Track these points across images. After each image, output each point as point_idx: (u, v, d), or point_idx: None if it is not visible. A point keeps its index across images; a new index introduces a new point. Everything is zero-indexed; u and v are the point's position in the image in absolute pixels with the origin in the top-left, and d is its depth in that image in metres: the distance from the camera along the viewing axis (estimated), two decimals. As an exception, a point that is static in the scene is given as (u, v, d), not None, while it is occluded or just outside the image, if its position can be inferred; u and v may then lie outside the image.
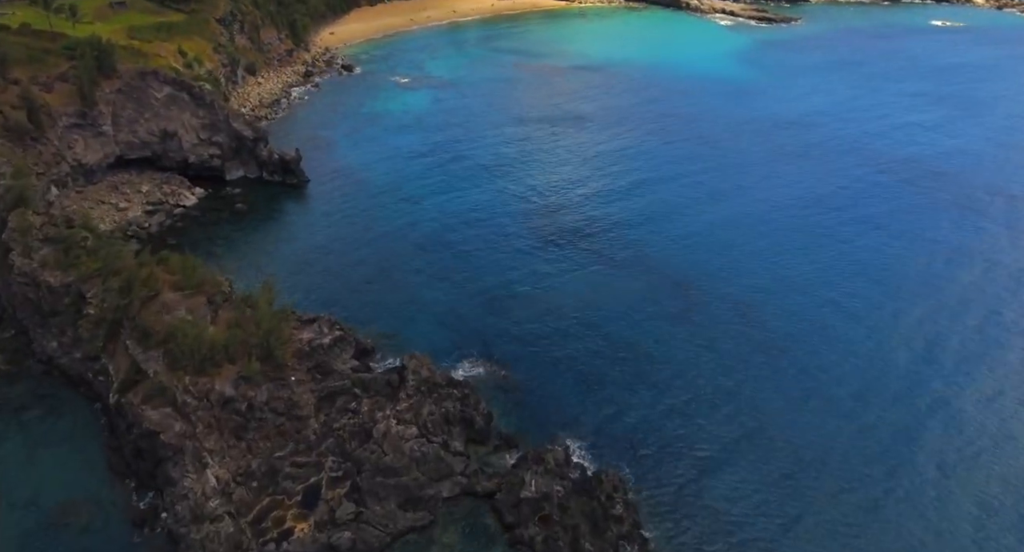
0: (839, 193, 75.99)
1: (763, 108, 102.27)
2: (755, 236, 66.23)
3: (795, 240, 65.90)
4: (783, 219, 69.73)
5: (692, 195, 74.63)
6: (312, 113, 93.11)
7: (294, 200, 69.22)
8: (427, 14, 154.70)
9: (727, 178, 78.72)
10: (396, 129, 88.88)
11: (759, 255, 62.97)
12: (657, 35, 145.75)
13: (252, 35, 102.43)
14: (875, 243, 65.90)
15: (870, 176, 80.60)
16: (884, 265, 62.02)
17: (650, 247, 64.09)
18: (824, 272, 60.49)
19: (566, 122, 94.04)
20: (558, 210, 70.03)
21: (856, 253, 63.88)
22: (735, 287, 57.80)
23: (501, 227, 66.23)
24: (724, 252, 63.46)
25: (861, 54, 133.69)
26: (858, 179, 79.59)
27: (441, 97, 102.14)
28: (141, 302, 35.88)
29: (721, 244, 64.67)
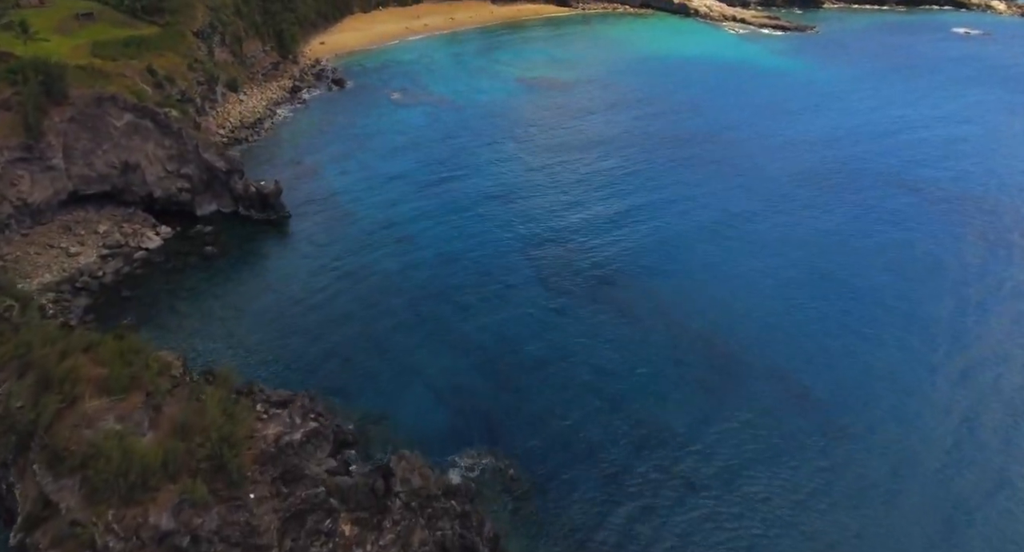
0: (882, 231, 68.54)
1: (787, 127, 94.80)
2: (790, 285, 58.74)
3: (839, 285, 58.52)
4: (823, 263, 62.17)
5: (715, 230, 67.13)
6: (298, 134, 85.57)
7: (272, 239, 61.63)
8: (424, 22, 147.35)
9: (754, 209, 71.16)
10: (389, 153, 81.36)
11: (795, 308, 55.53)
12: (666, 44, 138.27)
13: (234, 48, 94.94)
14: (952, 308, 58.52)
15: (919, 212, 73.17)
16: (959, 338, 54.65)
17: (671, 294, 56.59)
18: (889, 333, 53.10)
19: (573, 143, 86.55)
20: (568, 249, 62.52)
21: (925, 313, 56.50)
22: (770, 349, 50.41)
23: (504, 272, 58.69)
24: (758, 301, 56.01)
25: (886, 66, 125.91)
26: (906, 217, 72.08)
27: (438, 115, 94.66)
28: (55, 411, 28.46)
29: (755, 292, 57.17)
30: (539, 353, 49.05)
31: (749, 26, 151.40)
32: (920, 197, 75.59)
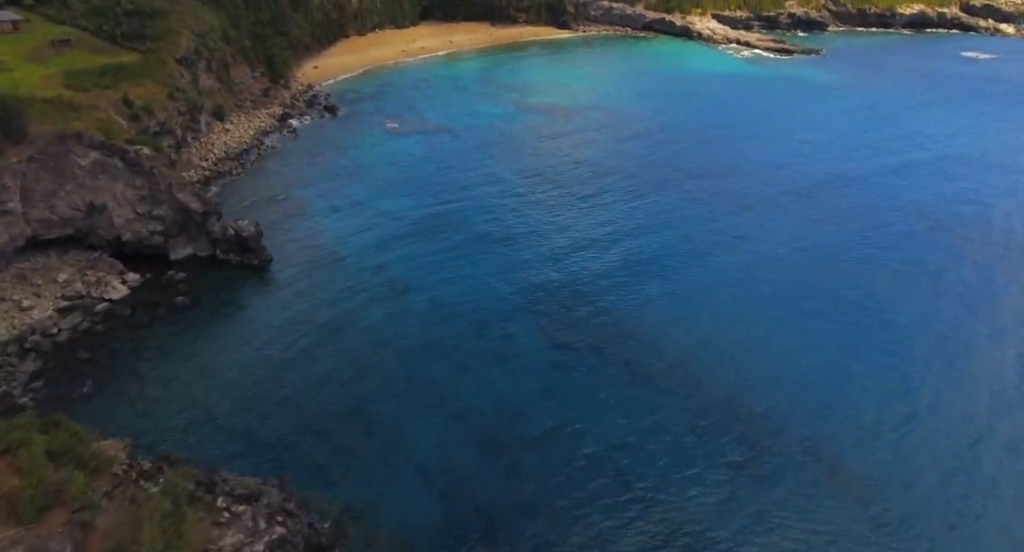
0: (921, 285, 63.66)
1: (801, 158, 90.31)
2: (816, 336, 53.65)
3: (874, 337, 53.44)
4: (853, 313, 57.10)
5: (730, 275, 62.20)
6: (285, 166, 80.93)
7: (251, 286, 56.52)
8: (421, 45, 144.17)
9: (773, 252, 66.22)
10: (381, 188, 76.64)
11: (825, 364, 50.40)
12: (670, 68, 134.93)
13: (221, 74, 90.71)
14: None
15: (955, 261, 68.42)
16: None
17: (685, 347, 51.37)
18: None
19: (575, 175, 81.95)
20: (570, 295, 57.43)
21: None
22: (799, 415, 45.19)
23: (502, 322, 53.55)
24: (783, 357, 50.90)
25: (902, 94, 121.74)
26: (943, 268, 67.35)
27: (435, 145, 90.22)
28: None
29: (779, 346, 52.08)
30: (541, 421, 43.74)
31: (754, 49, 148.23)
32: (950, 234, 70.91)
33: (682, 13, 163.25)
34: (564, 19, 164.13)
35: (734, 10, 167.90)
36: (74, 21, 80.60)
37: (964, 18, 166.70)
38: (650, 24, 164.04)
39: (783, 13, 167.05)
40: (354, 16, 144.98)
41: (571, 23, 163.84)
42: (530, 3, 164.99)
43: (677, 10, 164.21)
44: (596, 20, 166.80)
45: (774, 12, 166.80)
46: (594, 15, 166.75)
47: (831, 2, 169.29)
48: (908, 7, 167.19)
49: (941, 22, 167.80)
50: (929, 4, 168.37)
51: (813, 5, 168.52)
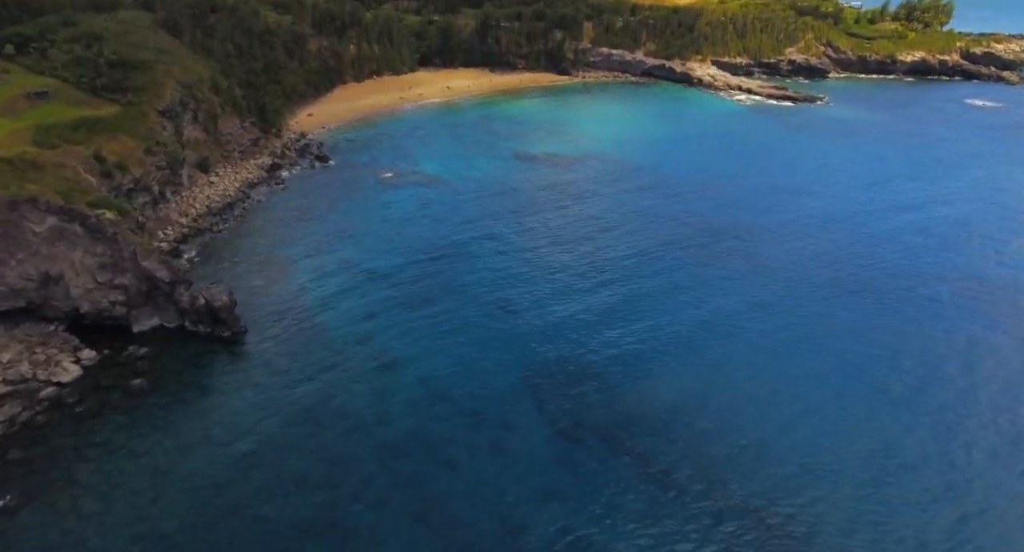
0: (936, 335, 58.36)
1: (815, 217, 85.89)
2: (854, 435, 47.96)
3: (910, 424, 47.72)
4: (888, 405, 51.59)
5: (751, 352, 56.84)
6: (270, 222, 76.32)
7: (220, 365, 50.92)
8: (419, 91, 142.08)
9: (797, 327, 61.07)
10: (371, 246, 71.83)
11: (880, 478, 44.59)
12: (672, 116, 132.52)
13: (208, 125, 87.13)
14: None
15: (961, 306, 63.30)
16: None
17: (705, 441, 45.71)
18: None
19: (577, 233, 77.30)
20: (578, 377, 51.87)
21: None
22: (835, 526, 39.17)
23: (500, 408, 47.88)
24: (810, 455, 45.11)
25: (915, 145, 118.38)
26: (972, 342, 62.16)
27: (430, 198, 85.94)
28: None
29: (808, 443, 46.35)
30: (545, 533, 37.71)
31: (755, 96, 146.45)
32: (961, 289, 65.86)
33: (682, 59, 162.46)
34: (563, 65, 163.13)
35: (734, 56, 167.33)
36: (55, 72, 77.21)
37: (966, 65, 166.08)
38: (650, 70, 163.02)
39: (783, 60, 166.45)
40: (351, 63, 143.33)
41: (570, 69, 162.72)
42: (529, 50, 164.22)
43: (677, 57, 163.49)
44: (595, 66, 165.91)
45: (774, 59, 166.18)
46: (593, 61, 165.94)
47: (831, 49, 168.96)
48: (909, 54, 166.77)
49: (943, 69, 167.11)
50: (930, 51, 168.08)
51: (813, 52, 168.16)
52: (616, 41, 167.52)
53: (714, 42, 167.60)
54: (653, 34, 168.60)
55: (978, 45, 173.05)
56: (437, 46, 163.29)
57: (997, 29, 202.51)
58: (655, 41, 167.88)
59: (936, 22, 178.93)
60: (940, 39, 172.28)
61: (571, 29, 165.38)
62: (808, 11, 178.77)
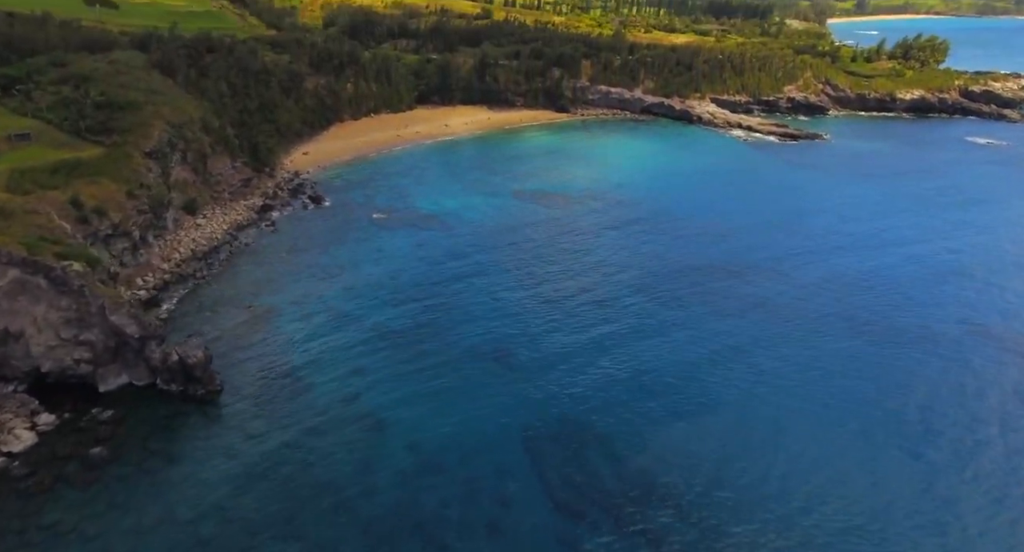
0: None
1: (831, 261, 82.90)
2: (886, 516, 43.66)
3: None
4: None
5: (773, 415, 52.86)
6: (257, 266, 72.95)
7: (191, 429, 46.76)
8: (416, 129, 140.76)
9: (803, 373, 57.33)
10: (362, 292, 68.31)
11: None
12: (672, 153, 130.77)
13: (197, 165, 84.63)
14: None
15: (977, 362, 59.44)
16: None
17: (725, 519, 41.37)
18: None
19: (580, 279, 73.95)
20: (583, 442, 47.79)
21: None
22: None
23: (498, 479, 43.69)
24: (841, 541, 40.74)
25: (924, 184, 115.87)
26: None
27: (424, 240, 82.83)
28: None
29: (831, 519, 42.02)
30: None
31: (756, 133, 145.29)
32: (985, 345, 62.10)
33: (681, 97, 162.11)
34: (562, 103, 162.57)
35: (733, 94, 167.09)
36: (39, 114, 75.07)
37: (966, 103, 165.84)
38: (649, 108, 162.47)
39: (782, 97, 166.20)
40: (349, 101, 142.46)
41: (569, 107, 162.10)
42: (528, 87, 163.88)
43: (676, 94, 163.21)
44: (594, 104, 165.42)
45: (773, 96, 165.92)
46: (592, 99, 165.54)
47: (830, 87, 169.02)
48: (908, 92, 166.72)
49: (943, 107, 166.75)
50: (929, 89, 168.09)
51: (812, 90, 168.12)
52: (614, 79, 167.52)
53: (712, 80, 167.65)
54: (651, 72, 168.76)
55: (975, 83, 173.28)
56: (435, 84, 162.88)
57: (990, 67, 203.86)
58: (653, 79, 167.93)
59: (932, 61, 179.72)
60: (938, 77, 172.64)
61: (569, 67, 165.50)
62: (805, 50, 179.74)
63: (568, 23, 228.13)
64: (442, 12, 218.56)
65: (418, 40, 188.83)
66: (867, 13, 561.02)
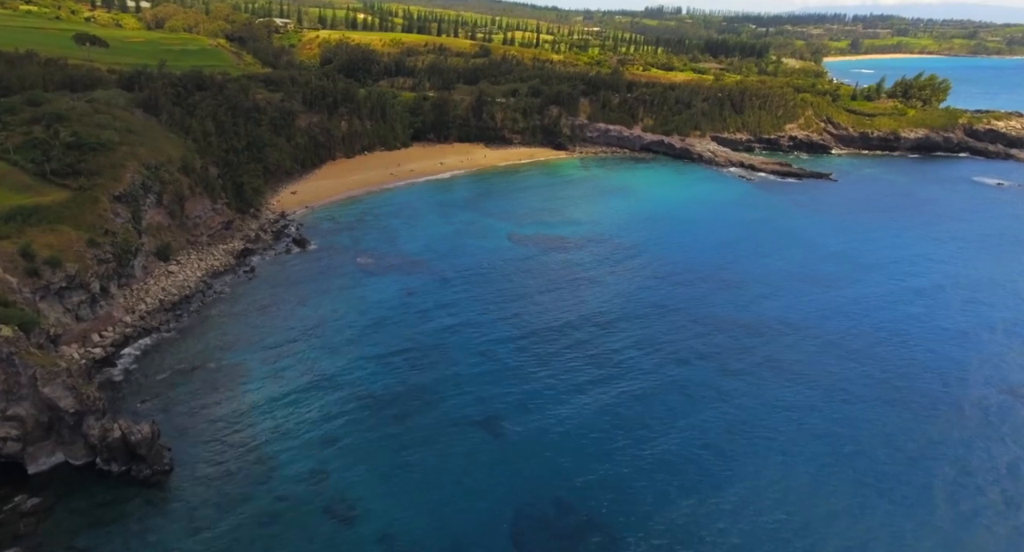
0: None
1: (833, 309, 77.81)
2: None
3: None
4: None
5: (782, 490, 46.85)
6: (229, 319, 67.58)
7: (130, 520, 40.58)
8: (410, 167, 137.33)
9: (820, 445, 51.46)
10: (341, 348, 62.73)
11: None
12: (673, 193, 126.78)
13: (173, 208, 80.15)
14: None
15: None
16: None
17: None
18: None
19: (578, 333, 68.57)
20: (580, 530, 41.66)
21: None
22: None
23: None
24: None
25: (937, 226, 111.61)
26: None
27: (413, 288, 77.73)
28: None
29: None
30: None
31: (759, 172, 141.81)
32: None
33: (680, 135, 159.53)
34: (560, 141, 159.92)
35: (733, 132, 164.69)
36: (6, 155, 70.84)
37: (972, 143, 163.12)
38: (648, 146, 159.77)
39: (784, 136, 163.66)
40: (342, 138, 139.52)
41: (567, 145, 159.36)
42: (525, 125, 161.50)
43: (675, 132, 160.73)
44: (593, 141, 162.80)
45: (774, 135, 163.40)
46: (590, 137, 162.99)
47: (831, 125, 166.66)
48: (912, 131, 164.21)
49: (948, 146, 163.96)
50: (933, 128, 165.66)
51: (814, 128, 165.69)
52: (613, 117, 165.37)
53: (712, 118, 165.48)
54: (650, 110, 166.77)
55: (979, 122, 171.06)
56: (432, 121, 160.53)
57: (988, 106, 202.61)
58: (652, 117, 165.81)
59: (935, 99, 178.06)
60: (942, 116, 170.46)
61: (567, 105, 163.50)
62: (805, 88, 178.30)
63: (566, 61, 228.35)
64: (440, 50, 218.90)
65: (415, 78, 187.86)
66: (861, 52, 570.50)
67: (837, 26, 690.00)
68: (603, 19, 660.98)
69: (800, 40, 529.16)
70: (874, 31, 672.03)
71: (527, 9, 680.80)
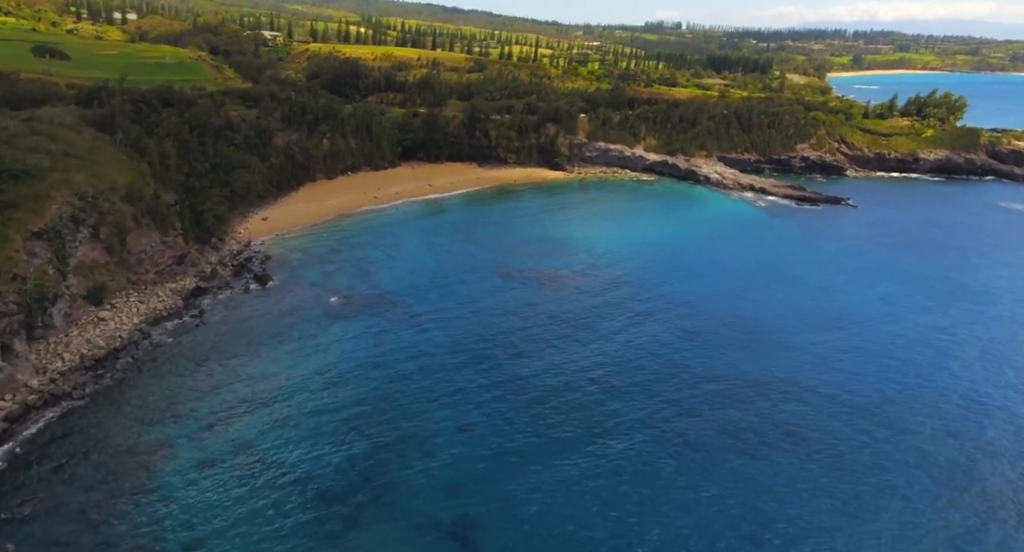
0: None
1: (885, 382, 67.57)
2: None
3: None
4: None
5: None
6: (161, 379, 57.07)
7: None
8: (396, 189, 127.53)
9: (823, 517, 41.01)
10: (287, 420, 52.23)
11: None
12: (679, 220, 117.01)
13: (113, 243, 70.01)
14: None
15: None
16: None
17: None
18: None
19: (569, 398, 58.20)
20: None
21: None
22: None
23: None
24: None
25: (973, 261, 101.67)
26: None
27: (384, 333, 67.52)
28: None
29: None
30: None
31: (770, 196, 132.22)
32: None
33: (686, 155, 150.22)
34: (557, 161, 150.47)
35: (741, 152, 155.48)
36: (-89, 182, 60.98)
37: (996, 165, 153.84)
38: (651, 166, 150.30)
39: (795, 156, 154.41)
40: (323, 158, 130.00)
41: (565, 165, 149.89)
42: (520, 143, 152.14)
43: (680, 152, 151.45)
44: (592, 161, 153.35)
45: (785, 155, 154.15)
46: (590, 156, 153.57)
47: (845, 145, 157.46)
48: (932, 152, 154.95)
49: (971, 168, 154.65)
50: (953, 149, 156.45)
51: (827, 149, 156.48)
52: (614, 135, 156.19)
53: (719, 137, 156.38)
54: (653, 128, 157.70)
55: (1000, 142, 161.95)
56: (421, 139, 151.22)
57: (1004, 124, 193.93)
58: (655, 136, 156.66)
59: (952, 118, 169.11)
60: (963, 136, 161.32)
61: (565, 122, 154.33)
62: (817, 106, 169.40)
63: (565, 76, 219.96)
64: (433, 64, 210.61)
65: (406, 93, 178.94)
66: (864, 67, 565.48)
67: (838, 42, 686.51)
68: (603, 34, 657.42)
69: (801, 55, 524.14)
70: (875, 47, 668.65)
71: (527, 23, 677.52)
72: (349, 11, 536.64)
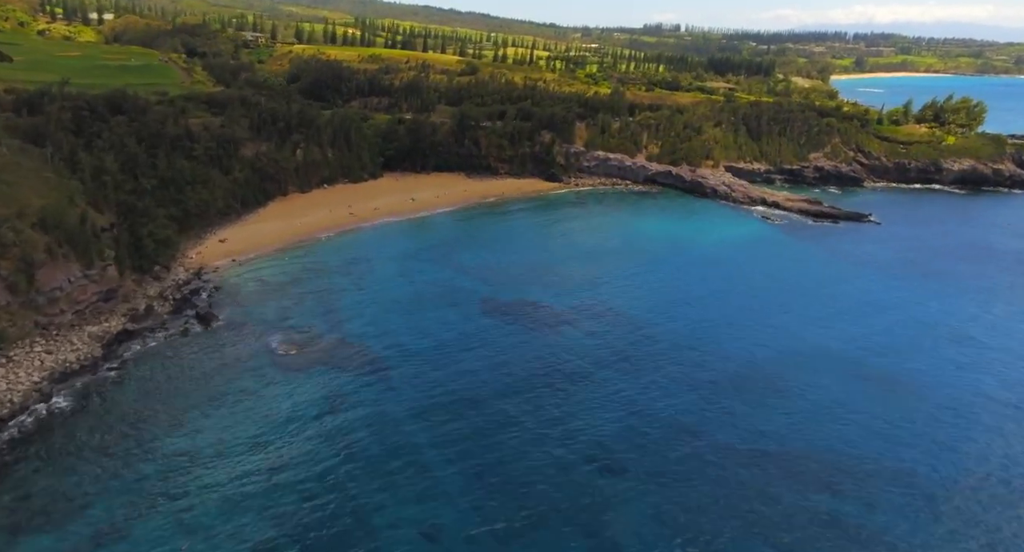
0: None
1: (907, 432, 56.45)
2: None
3: None
4: None
5: None
6: (48, 463, 45.42)
7: None
8: (375, 205, 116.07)
9: None
10: (217, 509, 40.78)
11: None
12: (688, 241, 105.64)
13: (16, 279, 58.57)
14: None
15: None
16: None
17: None
18: None
19: (562, 474, 46.97)
20: None
21: None
22: None
23: None
24: None
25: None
26: None
27: (341, 390, 56.14)
28: None
29: None
30: None
31: (783, 211, 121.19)
32: None
33: (690, 165, 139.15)
34: (553, 171, 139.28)
35: (750, 162, 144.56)
36: None
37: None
38: (654, 177, 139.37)
39: (808, 166, 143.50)
40: (296, 170, 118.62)
41: (561, 176, 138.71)
42: (513, 153, 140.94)
43: (684, 161, 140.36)
44: (590, 172, 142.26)
45: (797, 165, 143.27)
46: (588, 167, 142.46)
47: (862, 154, 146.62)
48: (956, 162, 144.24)
49: (998, 180, 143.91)
50: (979, 159, 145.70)
51: (842, 158, 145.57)
52: (613, 143, 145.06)
53: (726, 145, 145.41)
54: (655, 136, 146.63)
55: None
56: (406, 147, 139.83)
57: (1015, 130, 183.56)
58: (658, 144, 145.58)
59: (973, 124, 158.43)
60: (988, 144, 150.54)
61: (562, 130, 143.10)
62: (830, 112, 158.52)
63: (561, 80, 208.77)
64: (423, 67, 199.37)
65: (392, 98, 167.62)
66: (866, 70, 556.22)
67: (839, 44, 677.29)
68: (601, 36, 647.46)
69: (802, 57, 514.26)
70: (877, 49, 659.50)
71: (525, 26, 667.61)
72: (345, 13, 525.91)
